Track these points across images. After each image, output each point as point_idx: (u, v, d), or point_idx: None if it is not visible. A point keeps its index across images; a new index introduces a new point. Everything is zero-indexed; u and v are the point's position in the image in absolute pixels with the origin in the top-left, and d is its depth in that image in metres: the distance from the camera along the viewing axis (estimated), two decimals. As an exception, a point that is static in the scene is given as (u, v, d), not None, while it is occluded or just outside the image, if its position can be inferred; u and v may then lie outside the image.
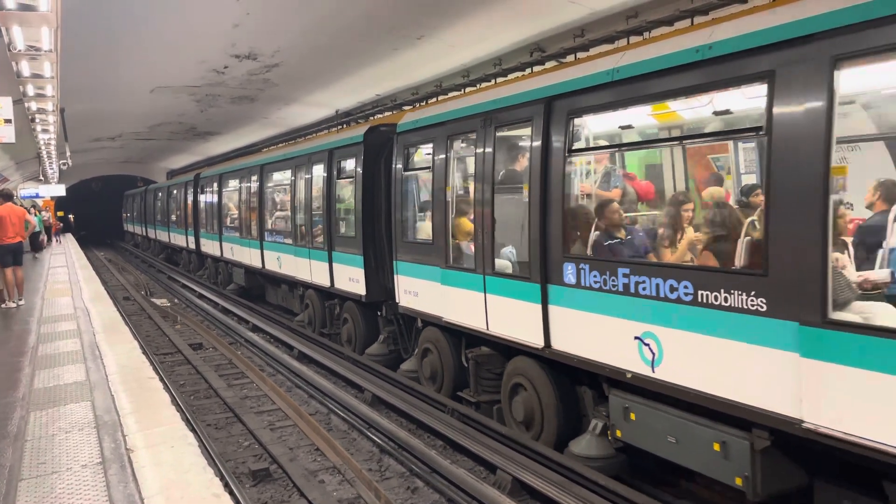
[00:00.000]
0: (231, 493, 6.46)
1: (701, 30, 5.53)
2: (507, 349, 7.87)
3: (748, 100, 5.28)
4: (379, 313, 11.33)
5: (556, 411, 7.15)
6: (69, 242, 34.04)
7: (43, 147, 18.52)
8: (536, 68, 9.02)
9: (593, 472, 6.35)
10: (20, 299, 12.73)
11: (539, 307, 6.93)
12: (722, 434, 5.28)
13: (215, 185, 21.08)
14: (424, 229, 9.45)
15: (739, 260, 5.25)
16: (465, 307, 8.18)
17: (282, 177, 15.42)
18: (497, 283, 7.58)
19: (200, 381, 11.16)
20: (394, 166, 9.98)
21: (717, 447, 5.31)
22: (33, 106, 11.26)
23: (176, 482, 4.65)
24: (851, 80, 4.62)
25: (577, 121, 6.63)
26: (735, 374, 5.05)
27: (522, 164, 7.56)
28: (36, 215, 23.53)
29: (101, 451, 5.17)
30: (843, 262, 4.89)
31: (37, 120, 12.93)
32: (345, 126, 14.55)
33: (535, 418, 7.43)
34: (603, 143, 7.40)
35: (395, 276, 9.91)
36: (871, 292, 4.70)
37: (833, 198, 4.44)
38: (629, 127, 6.84)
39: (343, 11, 9.92)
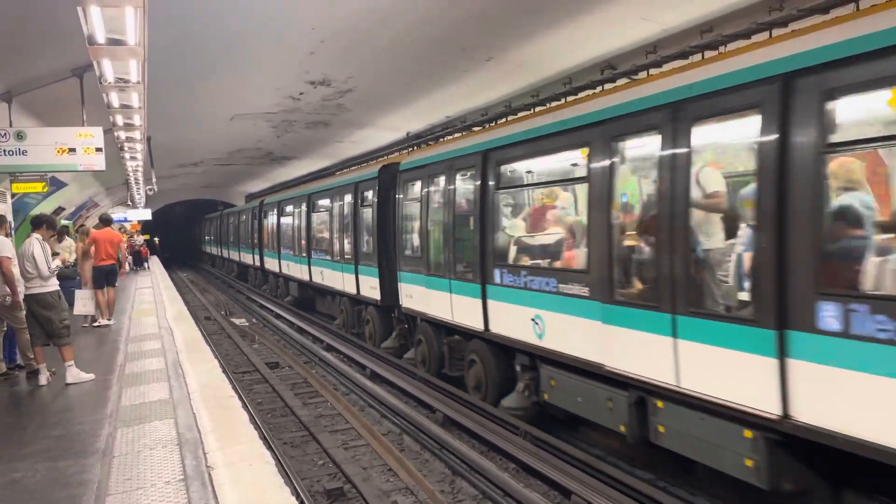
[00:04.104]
0: (306, 511, 6.55)
1: None
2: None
3: None
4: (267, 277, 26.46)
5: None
6: (154, 265, 35.47)
7: (131, 173, 19.37)
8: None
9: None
10: (110, 319, 13.34)
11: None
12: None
13: (229, 219, 36.32)
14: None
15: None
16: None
17: (244, 218, 29.87)
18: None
19: (277, 400, 11.38)
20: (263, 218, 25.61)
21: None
22: (122, 135, 11.76)
23: (254, 501, 4.74)
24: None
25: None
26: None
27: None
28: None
29: (184, 468, 5.32)
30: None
31: (125, 148, 13.51)
32: (413, 148, 14.79)
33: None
34: None
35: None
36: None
37: None
38: None
39: (413, 36, 10.07)
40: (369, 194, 14.37)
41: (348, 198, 15.70)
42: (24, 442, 6.15)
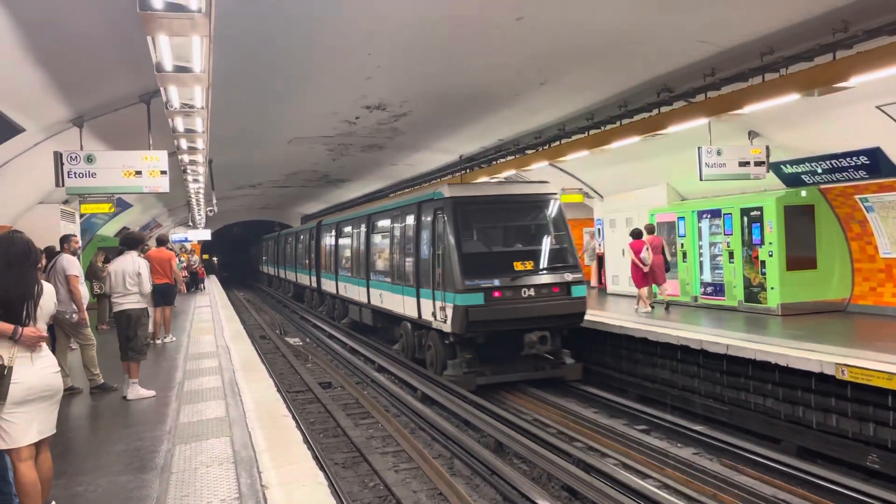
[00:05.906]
0: (357, 533, 6.54)
1: None
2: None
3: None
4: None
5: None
6: (212, 284, 36.31)
7: (193, 195, 19.97)
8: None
9: None
10: (167, 336, 13.66)
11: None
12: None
13: (263, 243, 47.61)
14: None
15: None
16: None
17: (271, 243, 41.91)
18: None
19: (329, 420, 11.46)
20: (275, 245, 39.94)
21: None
22: (186, 158, 12.13)
23: (307, 521, 4.76)
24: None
25: None
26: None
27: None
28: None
29: (238, 486, 5.38)
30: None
31: (188, 171, 13.93)
32: (466, 171, 14.89)
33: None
34: None
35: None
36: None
37: None
38: None
39: (467, 61, 10.17)
40: (314, 234, 26.82)
41: (308, 234, 28.05)
42: (86, 456, 6.32)
